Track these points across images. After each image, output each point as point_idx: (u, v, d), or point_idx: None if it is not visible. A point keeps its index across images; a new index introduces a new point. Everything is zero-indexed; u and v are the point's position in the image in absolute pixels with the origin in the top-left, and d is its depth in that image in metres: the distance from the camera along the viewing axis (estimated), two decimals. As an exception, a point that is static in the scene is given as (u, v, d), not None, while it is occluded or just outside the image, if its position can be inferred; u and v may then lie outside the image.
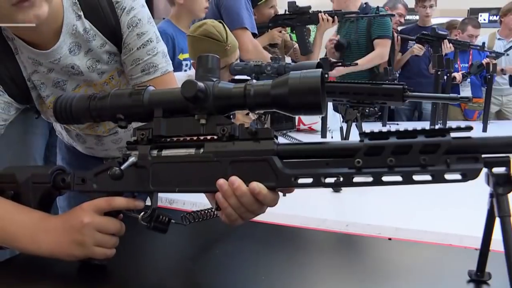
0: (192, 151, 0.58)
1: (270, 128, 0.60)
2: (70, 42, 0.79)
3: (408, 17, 3.72)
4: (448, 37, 2.93)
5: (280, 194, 0.56)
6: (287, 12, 2.43)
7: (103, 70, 0.85)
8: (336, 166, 0.52)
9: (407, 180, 0.50)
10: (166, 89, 0.65)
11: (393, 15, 2.65)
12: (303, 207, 0.96)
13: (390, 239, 0.79)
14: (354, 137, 0.60)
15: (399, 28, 3.37)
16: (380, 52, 2.66)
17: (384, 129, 0.51)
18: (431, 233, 0.82)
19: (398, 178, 0.51)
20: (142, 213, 0.62)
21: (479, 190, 0.55)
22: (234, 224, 0.58)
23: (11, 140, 1.09)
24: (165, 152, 0.60)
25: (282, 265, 0.66)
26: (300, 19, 2.38)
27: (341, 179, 0.51)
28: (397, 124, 2.64)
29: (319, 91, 0.51)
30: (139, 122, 0.62)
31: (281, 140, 0.62)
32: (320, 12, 2.39)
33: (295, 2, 2.43)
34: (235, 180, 0.54)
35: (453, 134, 0.51)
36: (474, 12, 6.07)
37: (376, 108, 1.22)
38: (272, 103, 0.55)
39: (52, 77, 0.82)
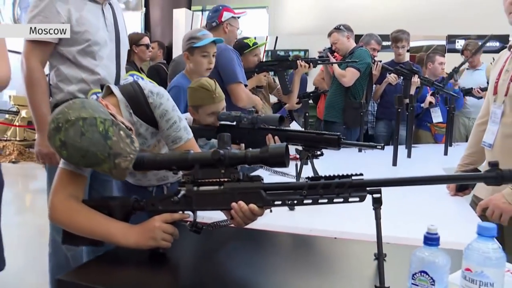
0: (216, 187, 1.08)
1: (260, 176, 1.11)
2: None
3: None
4: (419, 73, 3.52)
5: (267, 211, 1.07)
6: (270, 59, 3.03)
7: (149, 143, 1.36)
8: (293, 195, 1.02)
9: (330, 201, 1.00)
10: (201, 152, 1.16)
11: (355, 62, 3.24)
12: (275, 219, 1.44)
13: (335, 238, 1.30)
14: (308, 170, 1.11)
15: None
16: (341, 74, 3.32)
17: (360, 154, 1.03)
18: (363, 235, 1.31)
19: (325, 200, 1.01)
20: (188, 223, 1.13)
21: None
22: (240, 227, 1.08)
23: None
24: (201, 188, 1.09)
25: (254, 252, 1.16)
26: (281, 65, 2.97)
27: (295, 201, 1.02)
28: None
29: (284, 156, 1.02)
30: (185, 170, 1.13)
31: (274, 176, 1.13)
32: (298, 59, 2.96)
33: (276, 51, 3.04)
34: (241, 203, 1.04)
35: (357, 177, 1.01)
36: (451, 38, 6.73)
37: (321, 151, 1.66)
38: (260, 161, 1.05)
39: None
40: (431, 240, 0.83)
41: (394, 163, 2.48)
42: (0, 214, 1.53)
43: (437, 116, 3.81)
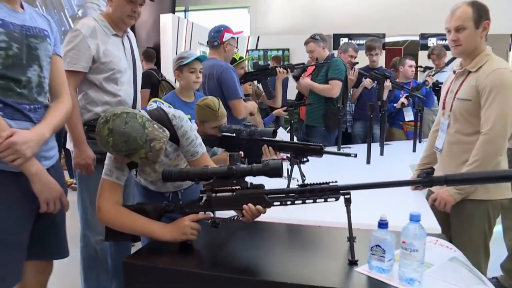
0: (230, 194, 1.47)
1: (263, 184, 1.51)
2: None
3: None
4: (391, 77, 3.98)
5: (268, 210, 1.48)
6: (252, 70, 3.46)
7: (171, 156, 1.74)
8: (287, 198, 1.44)
9: (314, 201, 1.42)
10: (217, 167, 1.56)
11: (327, 62, 3.72)
12: (272, 212, 1.85)
13: (319, 226, 1.73)
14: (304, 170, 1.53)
15: (356, 67, 4.37)
16: (329, 88, 3.75)
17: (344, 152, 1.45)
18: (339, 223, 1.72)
19: (311, 201, 1.42)
20: (209, 220, 1.53)
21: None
22: (248, 222, 1.50)
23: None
24: (219, 194, 1.49)
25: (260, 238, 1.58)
26: (263, 74, 3.41)
27: (289, 202, 1.43)
28: (349, 147, 3.62)
29: (281, 170, 1.43)
30: (205, 181, 1.53)
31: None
32: (277, 67, 3.39)
33: (258, 62, 3.46)
34: (250, 205, 1.43)
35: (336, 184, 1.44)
36: (424, 37, 7.25)
37: (307, 158, 2.06)
38: (262, 173, 1.46)
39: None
40: (382, 225, 1.26)
41: (368, 162, 2.93)
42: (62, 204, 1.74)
43: (409, 115, 4.27)
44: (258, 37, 8.54)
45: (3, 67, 1.46)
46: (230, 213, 1.56)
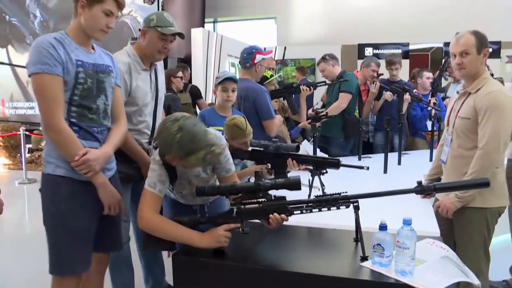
0: (257, 205, 1.79)
1: (285, 196, 1.84)
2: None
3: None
4: (410, 91, 4.26)
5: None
6: (279, 88, 3.83)
7: (208, 171, 2.04)
8: (306, 208, 1.76)
9: (328, 209, 1.74)
10: (245, 183, 1.89)
11: (347, 80, 4.06)
12: (293, 217, 2.18)
13: (334, 229, 2.04)
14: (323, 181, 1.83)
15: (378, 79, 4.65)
16: (338, 104, 4.09)
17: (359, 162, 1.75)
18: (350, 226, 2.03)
19: (326, 209, 1.74)
20: (240, 229, 1.83)
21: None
22: (274, 229, 1.80)
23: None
24: (247, 206, 1.80)
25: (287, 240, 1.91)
26: (288, 91, 3.78)
27: (308, 211, 1.74)
28: (370, 157, 3.91)
29: (300, 184, 1.75)
30: (235, 195, 1.85)
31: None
32: (301, 85, 3.74)
33: (283, 80, 3.83)
34: (276, 214, 1.75)
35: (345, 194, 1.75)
36: (448, 44, 7.42)
37: (326, 170, 2.38)
38: (284, 187, 1.77)
39: (187, 174, 2.04)
40: (382, 227, 1.57)
41: (385, 171, 3.22)
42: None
43: (430, 125, 4.52)
44: (285, 47, 8.88)
45: (80, 97, 1.86)
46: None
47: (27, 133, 7.53)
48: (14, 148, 8.57)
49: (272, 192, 1.80)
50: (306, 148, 3.33)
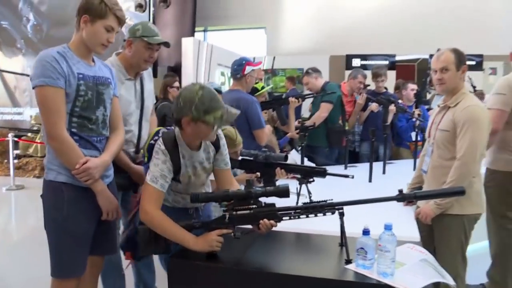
0: (247, 211, 1.91)
1: (274, 203, 1.96)
2: (204, 149, 2.10)
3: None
4: (396, 102, 4.43)
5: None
6: (268, 99, 3.99)
7: (211, 161, 2.12)
8: (294, 214, 1.88)
9: (315, 215, 1.86)
10: (237, 190, 2.00)
11: (334, 92, 4.23)
12: (283, 224, 2.30)
13: (321, 234, 2.16)
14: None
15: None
16: (319, 114, 4.32)
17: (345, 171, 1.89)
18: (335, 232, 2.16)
19: (313, 215, 1.87)
20: (232, 233, 1.95)
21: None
22: (263, 234, 1.92)
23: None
24: (239, 212, 1.90)
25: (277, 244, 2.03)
26: (277, 103, 3.93)
27: (296, 217, 1.87)
28: (356, 166, 4.05)
29: (289, 192, 1.88)
30: (228, 201, 1.96)
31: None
32: (289, 97, 3.89)
33: (273, 92, 3.99)
34: (266, 220, 1.86)
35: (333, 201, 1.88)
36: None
37: (313, 179, 2.50)
38: (273, 195, 1.90)
39: (193, 158, 2.10)
40: (365, 233, 1.69)
41: (370, 180, 3.36)
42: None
43: (414, 135, 4.69)
44: (274, 57, 9.03)
45: (81, 109, 1.97)
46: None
47: (15, 139, 7.56)
48: (1, 154, 8.59)
49: (262, 199, 1.92)
50: (294, 157, 3.46)
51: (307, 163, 3.33)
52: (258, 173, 2.64)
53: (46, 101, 1.89)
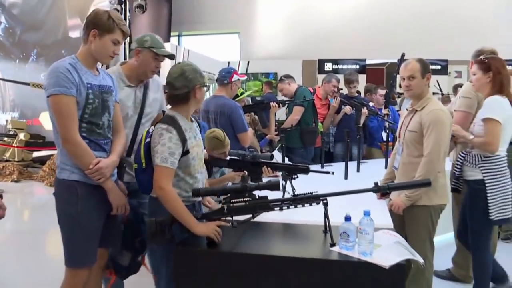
0: (243, 203, 2.18)
1: (267, 196, 2.23)
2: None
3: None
4: (368, 105, 4.78)
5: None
6: (251, 103, 4.27)
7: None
8: (283, 205, 2.15)
9: (302, 206, 2.14)
10: (234, 185, 2.26)
11: (308, 100, 4.58)
12: (272, 214, 2.57)
13: (306, 224, 2.44)
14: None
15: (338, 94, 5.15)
16: (292, 116, 4.63)
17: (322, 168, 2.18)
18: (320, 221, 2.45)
19: (300, 206, 2.14)
20: (229, 224, 2.22)
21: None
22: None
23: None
24: (235, 204, 2.17)
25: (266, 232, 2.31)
26: (258, 107, 4.22)
27: (285, 207, 2.14)
28: (331, 165, 4.37)
29: (279, 186, 2.16)
30: (225, 195, 2.23)
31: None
32: (271, 101, 4.18)
33: (255, 97, 4.28)
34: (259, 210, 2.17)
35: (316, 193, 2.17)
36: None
37: (297, 175, 2.80)
38: (266, 188, 2.17)
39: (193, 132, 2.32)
40: (347, 219, 1.98)
41: (346, 177, 3.68)
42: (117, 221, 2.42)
43: (385, 136, 5.05)
44: (248, 61, 9.32)
45: (89, 115, 2.20)
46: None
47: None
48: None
49: (256, 193, 2.18)
50: (276, 158, 3.74)
51: (287, 162, 3.62)
52: (246, 172, 2.89)
53: (60, 108, 2.10)
